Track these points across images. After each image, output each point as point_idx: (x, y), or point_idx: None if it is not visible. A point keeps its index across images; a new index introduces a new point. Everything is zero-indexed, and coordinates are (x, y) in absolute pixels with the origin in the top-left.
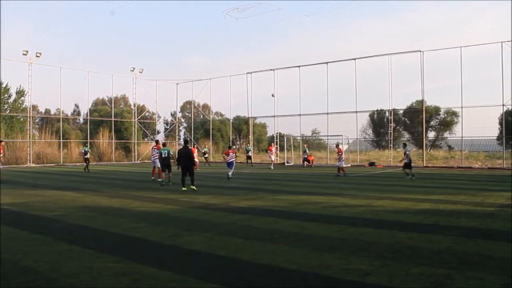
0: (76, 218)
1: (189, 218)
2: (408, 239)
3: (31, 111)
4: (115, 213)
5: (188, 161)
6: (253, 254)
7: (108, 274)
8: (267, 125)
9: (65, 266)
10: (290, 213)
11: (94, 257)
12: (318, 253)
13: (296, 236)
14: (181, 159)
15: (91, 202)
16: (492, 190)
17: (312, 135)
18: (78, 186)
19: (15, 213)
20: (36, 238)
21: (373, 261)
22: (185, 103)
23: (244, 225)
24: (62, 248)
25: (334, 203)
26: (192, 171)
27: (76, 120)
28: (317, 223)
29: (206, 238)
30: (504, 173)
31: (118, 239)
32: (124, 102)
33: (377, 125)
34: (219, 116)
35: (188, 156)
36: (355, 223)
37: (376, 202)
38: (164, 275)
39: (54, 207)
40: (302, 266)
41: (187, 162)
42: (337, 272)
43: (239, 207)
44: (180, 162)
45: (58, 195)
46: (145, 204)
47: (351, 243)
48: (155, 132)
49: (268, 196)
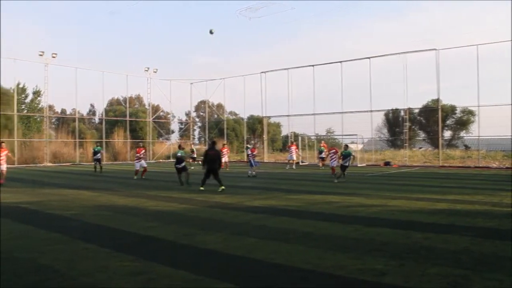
0: (92, 217)
1: (204, 218)
2: (424, 239)
3: (48, 111)
4: (130, 212)
5: (216, 163)
6: (268, 254)
7: (124, 273)
8: (281, 125)
9: (81, 264)
10: (305, 213)
11: (110, 256)
12: (332, 253)
13: (310, 236)
14: (210, 162)
15: (107, 201)
16: (510, 190)
17: (327, 135)
18: (94, 186)
19: (32, 212)
20: (52, 236)
21: (389, 261)
22: (199, 103)
23: (259, 224)
24: (78, 247)
25: (348, 203)
26: (217, 172)
27: (92, 120)
28: (332, 223)
29: (221, 237)
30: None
31: (133, 238)
32: (139, 102)
33: (392, 125)
34: (233, 115)
35: (218, 159)
36: (370, 223)
37: (392, 202)
38: (178, 274)
39: (71, 206)
40: (317, 266)
41: (215, 165)
42: (352, 272)
43: (253, 206)
44: (208, 164)
45: (74, 194)
46: (160, 203)
47: (366, 243)
48: (170, 131)
49: (282, 195)
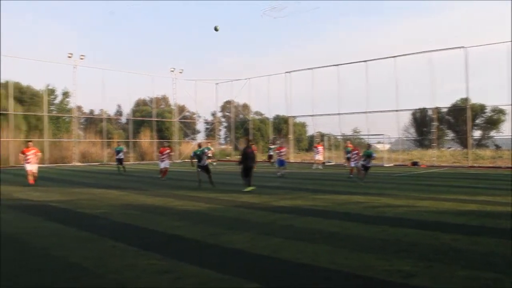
0: (120, 216)
1: (230, 217)
2: (453, 240)
3: (76, 112)
4: (158, 212)
5: (253, 162)
6: (294, 254)
7: (151, 272)
8: (307, 124)
9: (109, 262)
10: (331, 213)
11: (138, 255)
12: (359, 253)
13: (337, 236)
14: (249, 160)
15: (134, 201)
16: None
17: (353, 134)
18: (121, 185)
19: (63, 210)
20: (82, 235)
21: (417, 262)
22: (225, 103)
23: (285, 224)
24: (107, 245)
25: (375, 203)
26: (251, 172)
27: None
28: (358, 223)
29: (247, 237)
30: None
31: (160, 237)
32: (165, 103)
33: (420, 124)
34: (258, 115)
35: (254, 157)
36: (397, 223)
37: (419, 203)
38: (205, 274)
39: (99, 205)
40: (343, 267)
41: (252, 163)
42: (379, 273)
43: (280, 206)
44: (246, 163)
45: (103, 193)
46: (187, 202)
47: (393, 244)
48: (196, 132)
49: (308, 195)
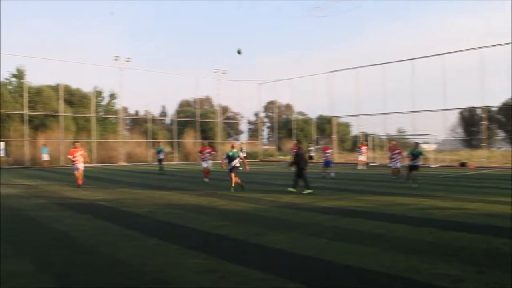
0: (164, 215)
1: (274, 217)
2: (505, 245)
3: (122, 113)
4: (201, 211)
5: (306, 164)
6: (339, 255)
7: (195, 270)
8: (350, 124)
9: (153, 260)
10: (377, 214)
11: (181, 253)
12: (406, 256)
13: (382, 238)
14: (302, 161)
15: (178, 200)
16: None
17: (398, 134)
18: (166, 185)
19: (109, 209)
20: (127, 233)
21: (466, 267)
22: (268, 103)
23: (330, 225)
24: (151, 244)
25: (422, 205)
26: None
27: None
28: (405, 225)
29: (291, 237)
30: None
31: (204, 237)
32: (209, 103)
33: (468, 124)
34: (302, 115)
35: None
36: (446, 226)
37: (468, 205)
38: (249, 273)
39: (144, 204)
40: (389, 269)
41: (305, 165)
42: (427, 277)
43: (324, 207)
44: (300, 164)
45: (147, 193)
46: (230, 202)
47: (441, 247)
48: (239, 132)
49: (353, 196)
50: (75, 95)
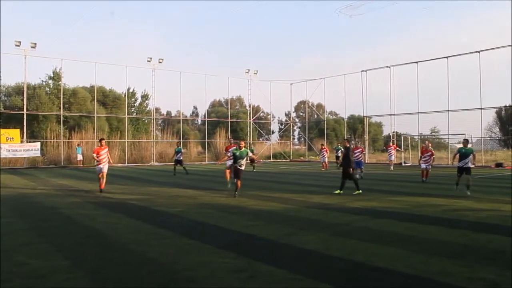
0: (195, 215)
1: (304, 218)
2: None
3: (155, 113)
4: (231, 211)
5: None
6: (369, 256)
7: (225, 269)
8: (383, 124)
9: (184, 259)
10: (408, 215)
11: (212, 252)
12: (438, 258)
13: (414, 240)
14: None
15: (209, 200)
16: None
17: (431, 134)
18: (197, 185)
19: (141, 208)
20: (159, 232)
21: (503, 271)
22: (299, 103)
23: (360, 226)
24: (182, 243)
25: (456, 206)
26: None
27: (195, 121)
28: (438, 226)
29: (320, 238)
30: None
31: (234, 236)
32: (240, 103)
33: (505, 123)
34: (333, 115)
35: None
36: (480, 228)
37: (504, 207)
38: (279, 273)
39: (175, 204)
40: (420, 272)
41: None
42: (460, 280)
43: (354, 207)
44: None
45: (179, 192)
46: (260, 202)
47: (476, 250)
48: (270, 132)
49: (384, 197)
50: (108, 96)
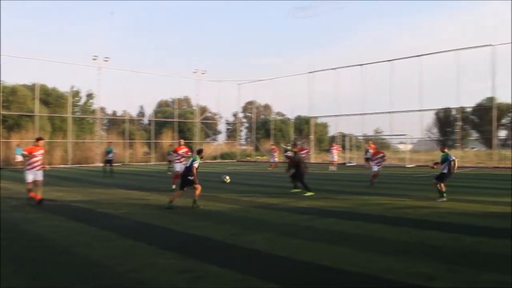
0: (140, 216)
1: (251, 218)
2: (477, 243)
3: (100, 113)
4: (178, 212)
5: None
6: (314, 255)
7: (171, 271)
8: (328, 125)
9: (129, 261)
10: (353, 214)
11: (158, 254)
12: (381, 255)
13: (358, 238)
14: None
15: (155, 201)
16: None
17: (375, 135)
18: (143, 185)
19: (84, 210)
20: (103, 234)
21: (439, 265)
22: (247, 104)
23: (305, 225)
24: (127, 244)
25: (398, 204)
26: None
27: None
28: (381, 224)
29: (267, 238)
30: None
31: (181, 237)
32: (187, 103)
33: (443, 124)
34: (280, 116)
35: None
36: (420, 225)
37: (442, 204)
38: (225, 273)
39: (120, 205)
40: (364, 269)
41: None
42: (401, 276)
43: (300, 207)
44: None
45: (124, 193)
46: (207, 203)
47: (416, 246)
48: (217, 132)
49: (329, 196)
50: (51, 95)
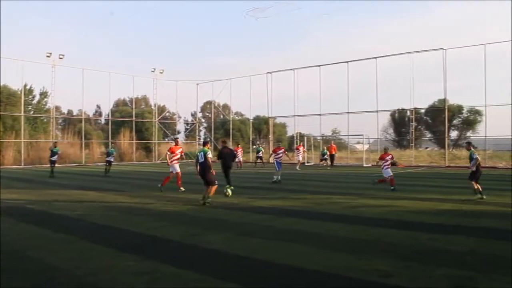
0: (98, 218)
1: (209, 218)
2: (430, 240)
3: (54, 112)
4: (136, 213)
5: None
6: (274, 255)
7: (129, 273)
8: (287, 125)
9: (86, 264)
10: (312, 213)
11: (115, 256)
12: (339, 253)
13: (317, 237)
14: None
15: (112, 202)
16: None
17: (332, 135)
18: (100, 186)
19: (39, 212)
20: (59, 236)
21: (395, 262)
22: (205, 103)
23: (265, 225)
24: (84, 247)
25: (355, 204)
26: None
27: (98, 120)
28: (339, 223)
29: (226, 237)
30: None
31: (139, 238)
32: (145, 103)
33: (398, 125)
34: (239, 116)
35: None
36: (377, 223)
37: (398, 203)
38: (184, 274)
39: (77, 207)
40: (323, 267)
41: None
42: (359, 273)
43: (259, 206)
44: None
45: (80, 194)
46: (166, 203)
47: (373, 244)
48: (176, 132)
49: (289, 196)
50: (2, 93)
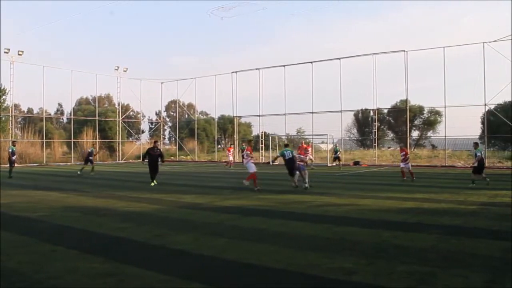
0: (60, 219)
1: (174, 218)
2: (393, 237)
3: (13, 110)
4: (100, 213)
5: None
6: (239, 254)
7: (93, 275)
8: (252, 125)
9: (49, 267)
10: (276, 213)
11: (79, 258)
12: (304, 252)
13: (282, 236)
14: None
15: (75, 202)
16: (474, 189)
17: (297, 134)
18: (62, 186)
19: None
20: (19, 239)
21: (359, 260)
22: (170, 103)
23: (230, 224)
24: (46, 249)
25: (319, 202)
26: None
27: (60, 119)
28: (303, 222)
29: (192, 237)
30: (486, 172)
31: (103, 240)
32: (108, 102)
33: (362, 124)
34: (204, 115)
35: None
36: (341, 222)
37: (361, 201)
38: (149, 275)
39: (38, 208)
40: (288, 266)
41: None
42: (323, 271)
43: (224, 206)
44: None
45: (42, 195)
46: (130, 204)
47: (337, 242)
48: (140, 131)
49: (254, 195)
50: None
